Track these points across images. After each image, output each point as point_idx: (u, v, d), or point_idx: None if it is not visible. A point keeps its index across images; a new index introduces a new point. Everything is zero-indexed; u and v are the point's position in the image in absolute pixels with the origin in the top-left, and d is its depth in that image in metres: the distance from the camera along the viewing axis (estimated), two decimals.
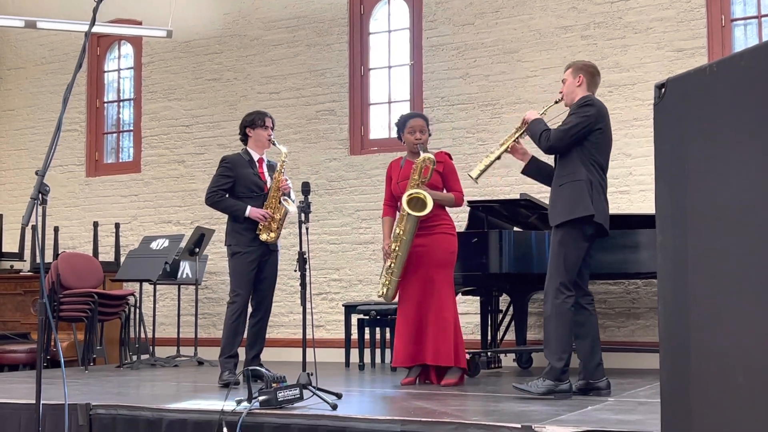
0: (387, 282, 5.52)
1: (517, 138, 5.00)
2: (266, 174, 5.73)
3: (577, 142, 4.68)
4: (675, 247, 2.34)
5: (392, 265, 5.46)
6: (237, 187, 5.63)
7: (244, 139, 5.81)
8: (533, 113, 4.96)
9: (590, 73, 4.90)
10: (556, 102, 4.99)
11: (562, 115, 4.88)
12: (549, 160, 4.99)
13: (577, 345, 4.79)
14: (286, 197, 5.63)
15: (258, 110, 5.91)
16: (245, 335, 5.63)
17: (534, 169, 5.04)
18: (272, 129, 5.79)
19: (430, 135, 5.69)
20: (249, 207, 5.54)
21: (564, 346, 4.62)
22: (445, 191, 5.59)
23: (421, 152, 5.49)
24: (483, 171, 5.02)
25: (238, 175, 5.63)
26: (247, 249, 5.54)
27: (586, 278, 4.84)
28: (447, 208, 5.61)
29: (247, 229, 5.57)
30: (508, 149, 5.03)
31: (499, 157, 5.04)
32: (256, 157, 5.74)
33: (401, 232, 5.41)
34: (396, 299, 5.61)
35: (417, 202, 5.39)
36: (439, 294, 5.41)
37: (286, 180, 5.69)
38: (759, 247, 2.03)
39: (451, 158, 5.67)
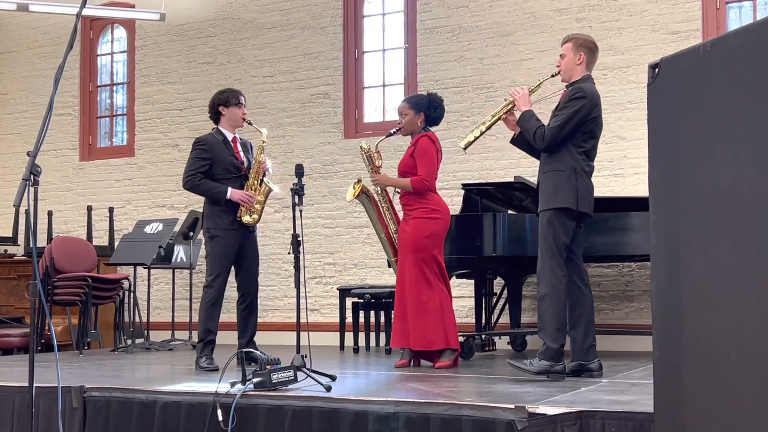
0: (391, 263, 5.82)
1: (509, 110, 4.96)
2: (241, 154, 5.66)
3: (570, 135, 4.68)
4: (668, 228, 2.34)
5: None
6: (214, 168, 5.52)
7: (216, 117, 5.68)
8: (524, 98, 4.87)
9: (590, 50, 4.87)
10: (553, 75, 4.96)
11: (555, 90, 4.85)
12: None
13: (571, 326, 4.80)
14: (265, 179, 5.59)
15: (231, 88, 5.80)
16: (235, 321, 5.62)
17: (523, 140, 5.01)
18: (245, 107, 5.70)
19: (427, 114, 5.61)
20: (230, 189, 5.46)
21: (559, 327, 4.63)
22: None
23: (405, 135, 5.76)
24: (472, 142, 4.98)
25: (215, 156, 5.53)
26: (226, 233, 5.48)
27: (580, 255, 4.85)
28: (432, 193, 5.55)
29: (225, 212, 5.48)
30: (501, 119, 4.98)
31: (489, 128, 5.00)
32: (230, 136, 5.64)
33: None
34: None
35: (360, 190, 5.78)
36: (413, 279, 5.42)
37: (266, 162, 5.64)
38: (752, 227, 2.02)
39: (432, 141, 5.54)
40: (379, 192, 5.74)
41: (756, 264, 2.00)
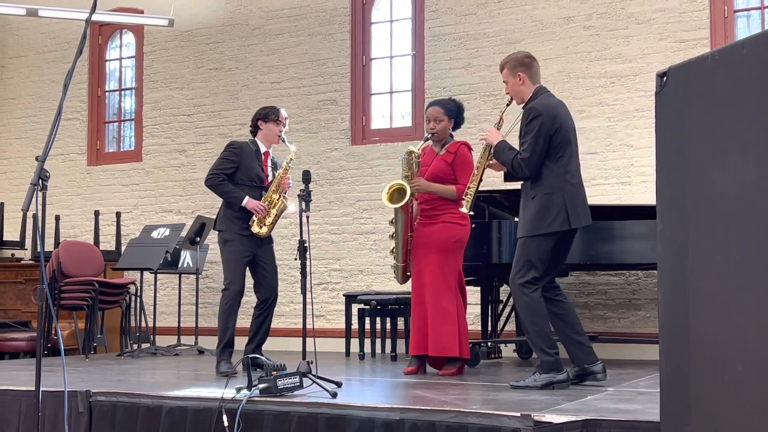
0: (393, 266, 5.67)
1: (488, 158, 4.93)
2: (269, 168, 5.73)
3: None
4: (675, 235, 2.34)
5: (393, 249, 5.64)
6: (238, 174, 5.58)
7: (254, 130, 5.77)
8: (494, 134, 4.85)
9: (526, 66, 4.83)
10: (508, 104, 4.94)
11: (517, 114, 4.82)
12: None
13: (561, 337, 4.78)
14: (284, 195, 5.64)
15: (273, 105, 5.87)
16: (244, 326, 5.63)
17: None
18: (284, 126, 5.76)
19: (456, 121, 5.61)
20: (247, 197, 5.51)
21: (545, 338, 4.61)
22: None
23: (431, 143, 5.59)
24: (473, 201, 4.98)
25: (242, 162, 5.59)
26: (238, 237, 5.53)
27: (555, 274, 4.82)
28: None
29: (240, 218, 5.54)
30: (485, 168, 4.99)
31: (481, 180, 4.99)
32: (263, 149, 5.72)
33: (393, 221, 5.59)
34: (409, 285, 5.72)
35: (398, 193, 5.50)
36: (437, 283, 5.40)
37: (289, 179, 5.69)
38: (758, 236, 2.02)
39: (470, 149, 5.56)
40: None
41: (763, 272, 2.00)
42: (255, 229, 5.53)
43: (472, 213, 5.09)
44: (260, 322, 5.62)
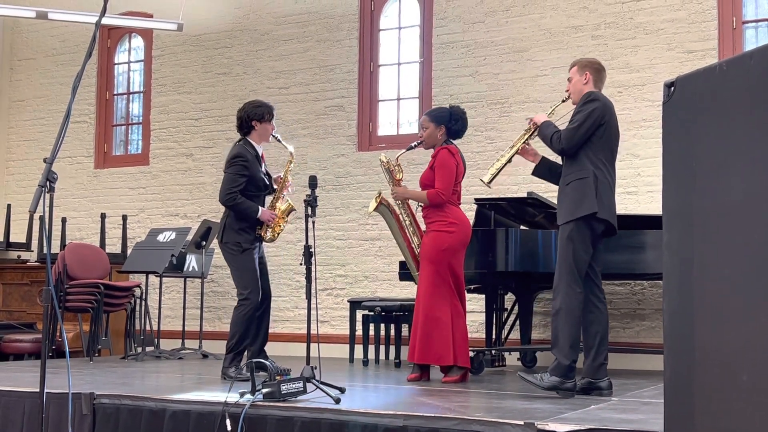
0: (415, 278, 5.75)
1: (526, 140, 5.00)
2: (265, 168, 5.77)
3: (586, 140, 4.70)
4: (681, 246, 2.34)
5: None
6: (248, 185, 5.56)
7: (248, 131, 5.68)
8: (542, 115, 4.99)
9: (596, 70, 4.90)
10: (563, 101, 5.01)
11: (570, 114, 4.88)
12: (559, 160, 4.97)
13: (585, 342, 4.78)
14: (286, 197, 5.71)
15: (264, 103, 5.77)
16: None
17: (545, 170, 5.05)
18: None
19: (448, 127, 5.62)
20: (261, 209, 5.57)
21: (572, 343, 4.61)
22: None
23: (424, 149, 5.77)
24: (495, 175, 5.01)
25: (251, 173, 5.58)
26: (252, 245, 5.57)
27: (599, 273, 4.83)
28: (452, 206, 5.56)
29: (251, 227, 5.58)
30: (519, 151, 5.03)
31: (510, 160, 5.03)
32: (260, 150, 5.71)
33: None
34: None
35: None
36: (426, 292, 5.41)
37: (290, 180, 5.74)
38: (765, 246, 2.02)
39: (452, 154, 5.52)
40: (400, 205, 5.72)
41: None
42: (268, 235, 5.60)
43: (488, 183, 5.04)
44: (260, 320, 5.63)
